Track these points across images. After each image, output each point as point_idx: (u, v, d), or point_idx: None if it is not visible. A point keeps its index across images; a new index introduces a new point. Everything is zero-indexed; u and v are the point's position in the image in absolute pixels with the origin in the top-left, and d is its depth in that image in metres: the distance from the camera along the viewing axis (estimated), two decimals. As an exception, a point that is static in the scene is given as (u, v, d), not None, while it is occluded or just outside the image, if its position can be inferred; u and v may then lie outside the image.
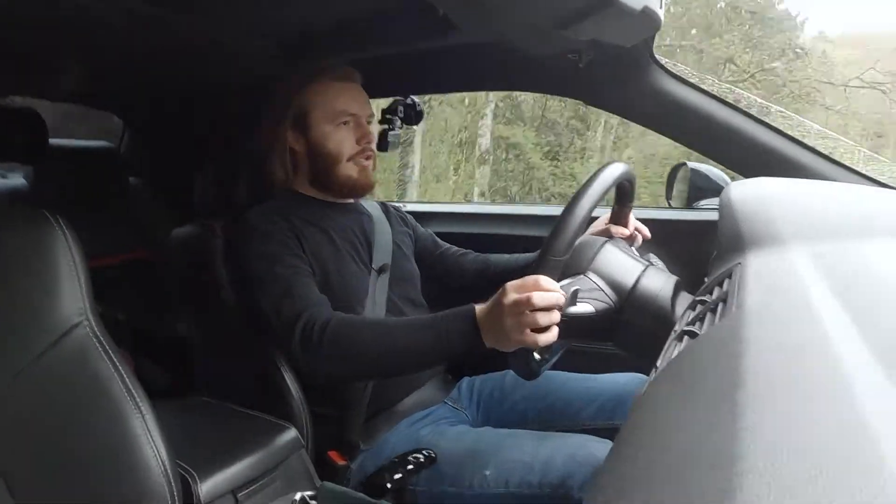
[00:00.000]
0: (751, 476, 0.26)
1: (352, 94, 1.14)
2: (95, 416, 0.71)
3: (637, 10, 0.82)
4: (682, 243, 1.30)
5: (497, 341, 0.84)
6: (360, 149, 1.13)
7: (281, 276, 1.01)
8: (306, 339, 0.93)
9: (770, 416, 0.30)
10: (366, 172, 1.15)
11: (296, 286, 1.00)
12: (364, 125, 1.14)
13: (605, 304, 0.86)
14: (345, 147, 1.13)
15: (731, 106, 1.22)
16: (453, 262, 1.29)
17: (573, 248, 0.87)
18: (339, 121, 1.12)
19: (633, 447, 0.38)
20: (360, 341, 0.93)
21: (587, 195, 0.85)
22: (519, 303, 0.80)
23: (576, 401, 1.11)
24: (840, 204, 0.80)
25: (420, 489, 0.95)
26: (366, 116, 1.15)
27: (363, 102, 1.15)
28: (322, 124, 1.12)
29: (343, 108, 1.12)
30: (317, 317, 0.95)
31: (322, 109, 1.12)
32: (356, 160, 1.14)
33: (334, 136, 1.12)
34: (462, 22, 0.98)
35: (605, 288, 0.87)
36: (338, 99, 1.12)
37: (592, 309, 0.85)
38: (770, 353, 0.38)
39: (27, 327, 0.70)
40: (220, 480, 0.86)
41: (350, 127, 1.13)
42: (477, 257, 1.28)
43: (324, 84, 1.13)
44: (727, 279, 0.63)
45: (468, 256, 1.29)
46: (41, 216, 0.73)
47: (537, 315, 0.79)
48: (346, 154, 1.13)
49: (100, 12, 0.95)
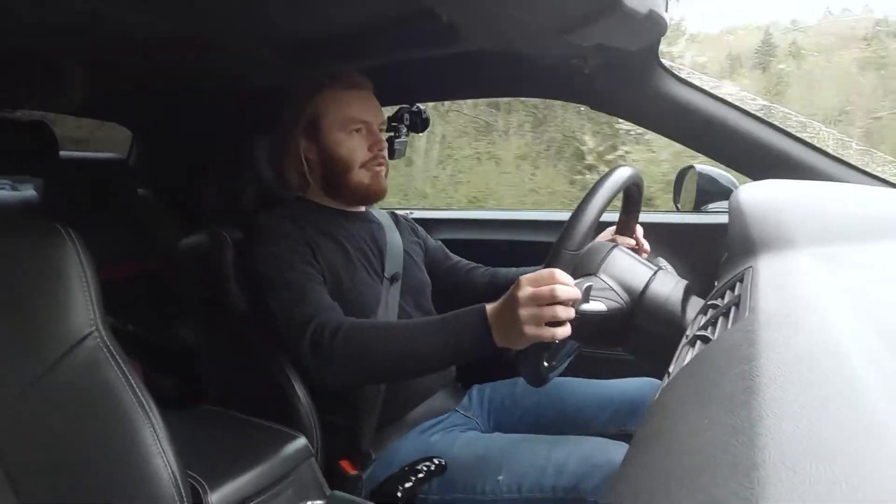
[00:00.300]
0: (772, 484, 0.25)
1: (364, 102, 1.14)
2: (106, 427, 0.71)
3: (642, 14, 0.82)
4: (691, 247, 1.29)
5: (509, 338, 0.83)
6: (371, 156, 1.13)
7: (293, 281, 1.01)
8: (317, 344, 0.93)
9: (788, 421, 0.30)
10: (378, 179, 1.15)
11: (307, 291, 1.00)
12: (376, 132, 1.15)
13: (617, 304, 0.86)
14: (357, 154, 1.13)
15: (739, 108, 1.21)
16: (464, 276, 1.28)
17: (585, 246, 0.88)
18: (350, 128, 1.13)
19: (649, 453, 0.37)
20: (371, 345, 0.92)
21: (599, 193, 0.86)
22: (536, 296, 0.79)
23: (588, 407, 1.10)
24: (851, 205, 0.80)
25: (432, 497, 0.95)
26: (378, 124, 1.15)
27: (375, 110, 1.16)
28: (334, 131, 1.13)
29: (355, 116, 1.12)
30: (327, 322, 0.95)
31: (334, 116, 1.13)
32: (368, 167, 1.14)
33: (346, 143, 1.13)
34: (467, 29, 0.98)
35: (616, 288, 0.87)
36: (350, 106, 1.13)
37: (605, 307, 0.85)
38: (785, 357, 0.38)
39: (38, 338, 0.70)
40: (230, 490, 0.86)
41: (362, 134, 1.13)
42: (486, 271, 1.28)
43: (336, 92, 1.13)
44: (739, 283, 0.63)
45: (478, 270, 1.29)
46: (52, 228, 0.73)
47: (556, 308, 0.78)
48: (358, 161, 1.13)
49: (107, 24, 0.96)
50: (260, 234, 1.07)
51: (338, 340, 0.92)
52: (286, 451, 0.96)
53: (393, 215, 1.30)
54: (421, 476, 0.89)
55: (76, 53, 1.19)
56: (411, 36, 1.09)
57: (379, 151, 1.14)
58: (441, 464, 0.91)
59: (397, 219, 1.30)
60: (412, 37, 1.09)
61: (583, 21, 0.85)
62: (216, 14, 0.99)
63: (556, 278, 0.79)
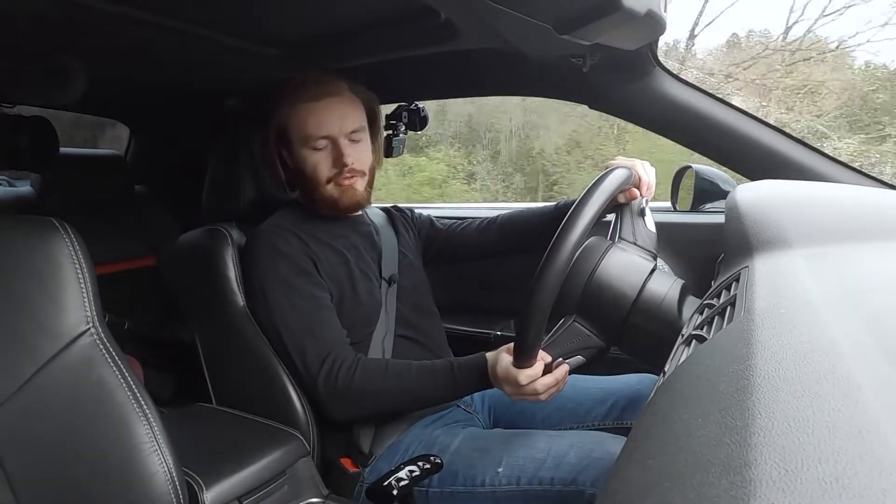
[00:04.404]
0: (764, 482, 0.25)
1: (325, 115, 1.07)
2: (102, 424, 0.71)
3: (641, 14, 0.82)
4: (688, 246, 1.29)
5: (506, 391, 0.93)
6: (336, 171, 1.08)
7: (303, 310, 1.03)
8: (331, 385, 0.99)
9: (781, 421, 0.30)
10: (350, 192, 1.10)
11: (317, 322, 1.03)
12: (340, 146, 1.07)
13: (593, 349, 0.90)
14: (321, 171, 1.09)
15: (737, 109, 1.21)
16: (460, 238, 1.29)
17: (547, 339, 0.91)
18: (311, 145, 1.08)
19: (644, 452, 0.38)
20: (382, 387, 0.99)
21: (551, 271, 0.78)
22: (515, 392, 0.91)
23: (586, 402, 1.11)
24: (847, 206, 0.80)
25: (433, 490, 0.96)
26: (345, 134, 1.08)
27: (339, 120, 1.07)
28: (298, 147, 1.09)
29: (313, 133, 1.07)
30: (342, 360, 1.00)
31: (296, 133, 1.09)
32: (336, 182, 1.09)
33: (310, 160, 1.09)
34: (465, 27, 0.98)
35: (592, 331, 0.90)
36: (308, 122, 1.07)
37: (583, 359, 0.91)
38: (780, 357, 0.38)
39: (34, 335, 0.70)
40: (225, 487, 0.86)
41: (327, 150, 1.08)
42: (482, 225, 1.28)
43: (296, 106, 1.08)
44: (735, 283, 0.63)
45: (471, 226, 1.29)
46: (48, 224, 0.73)
47: (536, 390, 0.90)
48: (323, 178, 1.09)
49: (106, 20, 0.95)
50: (261, 246, 1.07)
51: (354, 382, 0.98)
52: (282, 449, 0.96)
53: (387, 212, 1.30)
54: (417, 474, 0.89)
55: (75, 49, 1.18)
56: (410, 34, 1.08)
57: (345, 166, 1.08)
58: (437, 462, 0.91)
59: (391, 215, 1.30)
60: (411, 35, 1.09)
61: (582, 20, 0.84)
62: (215, 10, 0.99)
63: (519, 383, 0.89)
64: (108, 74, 1.40)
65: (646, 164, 1.04)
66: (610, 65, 1.15)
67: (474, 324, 1.54)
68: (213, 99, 1.64)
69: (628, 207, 0.98)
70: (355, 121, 1.10)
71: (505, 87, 1.48)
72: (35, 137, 1.51)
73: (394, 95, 1.48)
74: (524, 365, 0.87)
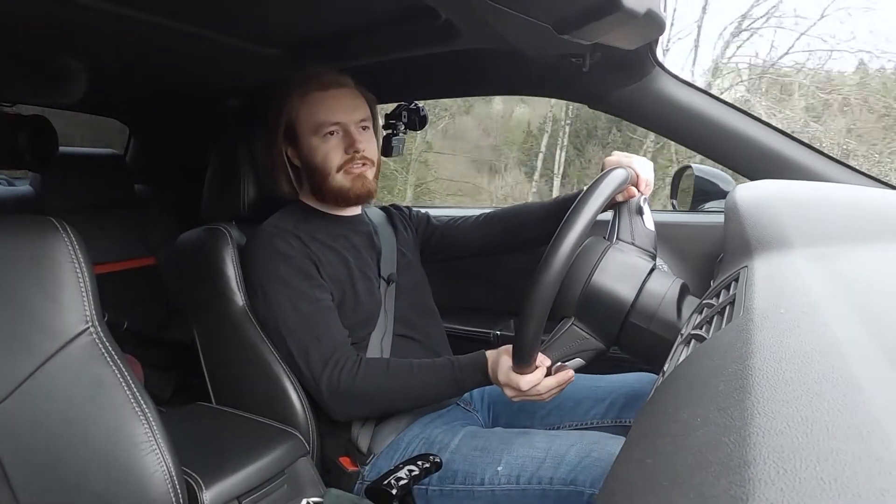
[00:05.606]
0: (763, 482, 0.25)
1: (335, 102, 1.09)
2: (101, 423, 0.71)
3: (641, 14, 0.82)
4: (687, 246, 1.29)
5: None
6: (348, 158, 1.09)
7: (305, 312, 1.03)
8: (334, 386, 1.00)
9: (780, 420, 0.30)
10: (361, 180, 1.11)
11: (320, 325, 1.03)
12: (352, 133, 1.09)
13: (592, 351, 0.90)
14: (332, 159, 1.09)
15: (736, 108, 1.21)
16: (457, 233, 1.29)
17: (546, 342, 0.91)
18: (323, 132, 1.08)
19: (643, 451, 0.38)
20: (384, 386, 1.00)
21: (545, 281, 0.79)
22: (516, 396, 0.92)
23: (585, 400, 1.11)
24: (847, 206, 0.80)
25: (432, 488, 0.96)
26: (355, 123, 1.10)
27: (350, 108, 1.10)
28: (308, 137, 1.10)
29: (325, 119, 1.08)
30: (343, 361, 1.01)
31: (306, 122, 1.09)
32: (347, 170, 1.10)
33: (321, 148, 1.09)
34: (465, 26, 0.98)
35: (591, 333, 0.90)
36: (319, 110, 1.08)
37: (583, 361, 0.91)
38: (779, 357, 0.38)
39: (33, 334, 0.70)
40: (225, 487, 0.86)
41: (338, 137, 1.09)
42: (479, 220, 1.28)
43: (306, 95, 1.09)
44: (734, 282, 0.63)
45: (468, 221, 1.29)
46: (47, 223, 0.73)
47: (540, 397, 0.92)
48: (334, 166, 1.09)
49: (106, 20, 0.95)
50: (262, 248, 1.07)
51: (356, 382, 0.99)
52: (281, 448, 0.96)
53: (385, 210, 1.30)
54: (416, 473, 0.89)
55: (75, 49, 1.18)
56: (410, 34, 1.08)
57: (356, 153, 1.09)
58: (436, 461, 0.91)
59: (390, 214, 1.30)
60: (411, 35, 1.09)
61: (582, 20, 0.84)
62: (216, 11, 0.99)
63: (520, 388, 0.90)
64: (108, 74, 1.40)
65: (644, 160, 1.04)
66: (610, 65, 1.15)
67: (474, 323, 1.54)
68: (212, 99, 1.64)
69: (626, 206, 0.98)
70: (363, 111, 1.13)
71: (505, 86, 1.48)
72: (35, 137, 1.51)
73: (394, 95, 1.48)
74: (524, 370, 0.88)
